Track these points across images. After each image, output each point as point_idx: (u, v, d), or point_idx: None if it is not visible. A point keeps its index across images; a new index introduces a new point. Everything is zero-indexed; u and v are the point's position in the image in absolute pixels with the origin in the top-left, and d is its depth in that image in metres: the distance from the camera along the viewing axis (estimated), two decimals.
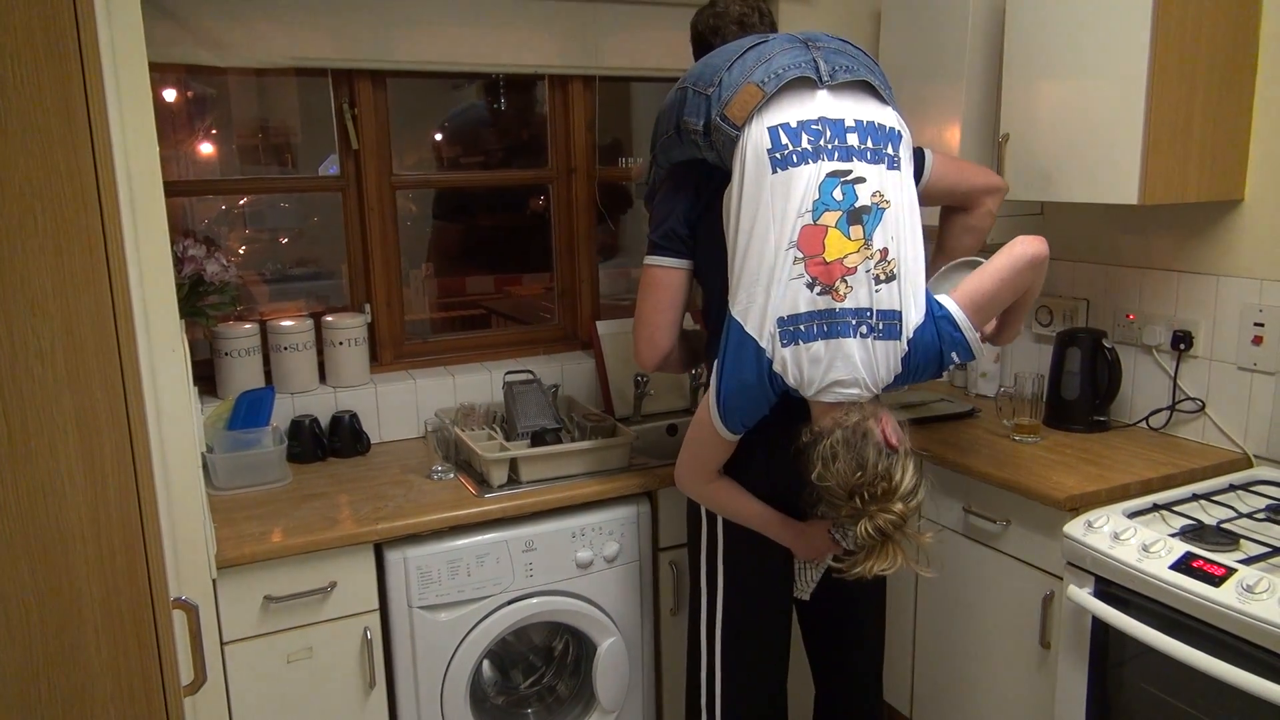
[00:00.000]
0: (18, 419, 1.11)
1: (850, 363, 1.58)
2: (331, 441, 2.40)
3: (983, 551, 2.16)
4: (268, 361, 2.44)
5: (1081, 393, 2.37)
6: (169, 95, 2.52)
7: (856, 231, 1.58)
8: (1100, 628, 1.81)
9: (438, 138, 3.04)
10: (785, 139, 1.60)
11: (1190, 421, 2.31)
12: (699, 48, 2.00)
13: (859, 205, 1.59)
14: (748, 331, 1.60)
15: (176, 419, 1.57)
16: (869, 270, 1.58)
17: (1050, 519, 1.97)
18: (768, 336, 1.59)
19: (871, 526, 1.51)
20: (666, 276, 1.83)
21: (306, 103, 2.75)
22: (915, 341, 1.61)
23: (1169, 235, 2.33)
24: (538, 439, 2.26)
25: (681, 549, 2.27)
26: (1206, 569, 1.64)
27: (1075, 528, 1.86)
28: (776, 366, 1.59)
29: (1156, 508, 1.92)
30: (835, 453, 1.54)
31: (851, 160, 1.61)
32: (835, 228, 1.57)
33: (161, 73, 2.37)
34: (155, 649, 1.22)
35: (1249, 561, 1.65)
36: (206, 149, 2.78)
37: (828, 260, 1.57)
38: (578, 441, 2.30)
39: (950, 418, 2.50)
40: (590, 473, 2.23)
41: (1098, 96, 2.09)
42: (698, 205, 1.81)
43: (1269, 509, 1.89)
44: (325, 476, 2.26)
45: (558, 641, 2.38)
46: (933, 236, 1.92)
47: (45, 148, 1.08)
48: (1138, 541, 1.76)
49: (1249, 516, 1.86)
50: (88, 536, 1.16)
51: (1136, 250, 2.42)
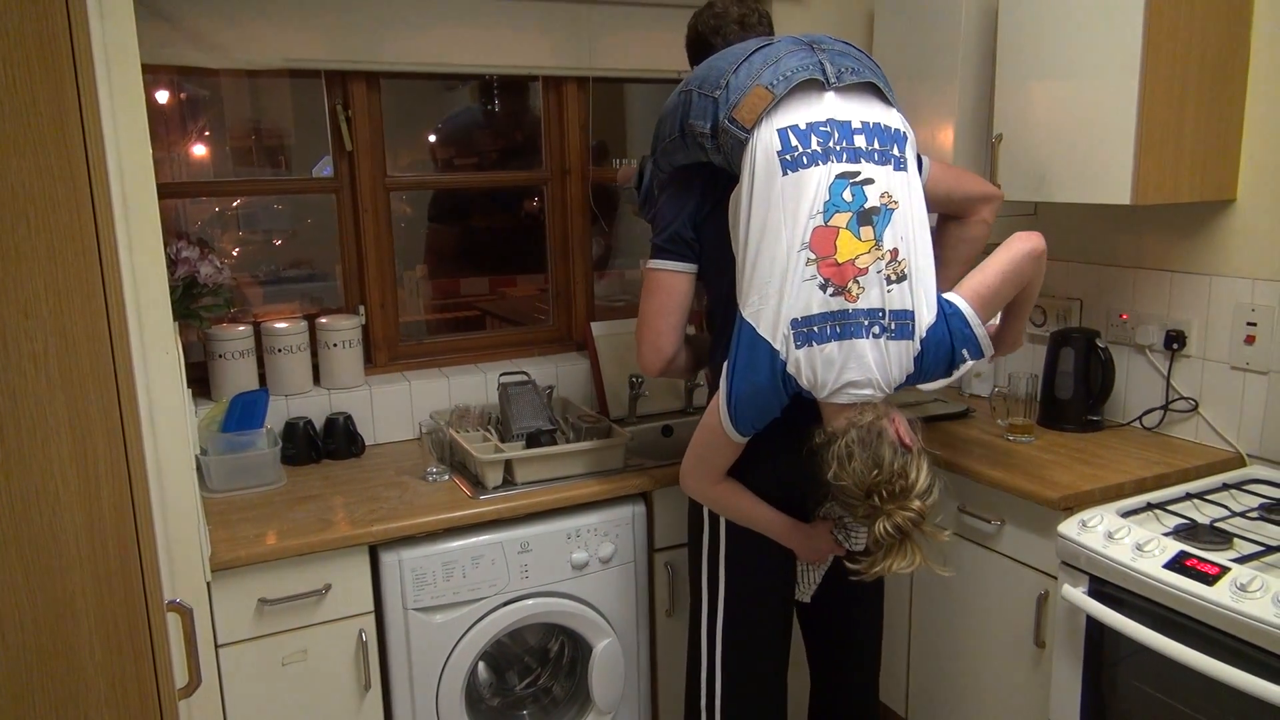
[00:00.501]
0: (10, 422, 1.10)
1: (863, 363, 1.58)
2: (326, 443, 2.40)
3: (977, 551, 2.16)
4: (262, 364, 2.44)
5: (1075, 392, 2.38)
6: (162, 97, 2.51)
7: (867, 232, 1.58)
8: (1094, 626, 1.81)
9: (431, 139, 3.03)
10: (795, 141, 1.60)
11: (1183, 421, 2.32)
12: (698, 49, 1.99)
13: (868, 206, 1.59)
14: (760, 333, 1.59)
15: (170, 422, 1.57)
16: (880, 271, 1.58)
17: (1044, 518, 1.97)
18: (781, 338, 1.58)
19: (890, 525, 1.50)
20: (671, 280, 1.82)
21: (300, 104, 2.74)
22: (928, 340, 1.61)
23: (1162, 235, 2.34)
24: (533, 440, 2.26)
25: (677, 550, 2.28)
26: (1200, 568, 1.64)
27: (1069, 527, 1.87)
28: (790, 368, 1.59)
29: (1150, 507, 1.92)
30: (850, 452, 1.53)
31: (860, 161, 1.61)
32: (846, 229, 1.58)
33: (154, 74, 2.37)
34: (149, 652, 1.22)
35: (1242, 560, 1.65)
36: (199, 150, 2.78)
37: (840, 261, 1.57)
38: (573, 443, 2.30)
39: (945, 418, 2.51)
40: (585, 474, 2.22)
41: (1090, 97, 2.09)
42: (703, 208, 1.80)
43: (1262, 508, 1.90)
44: (320, 478, 2.26)
45: (553, 643, 2.38)
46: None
47: (38, 150, 1.08)
48: (1132, 541, 1.77)
49: (1242, 515, 1.87)
50: (81, 540, 1.16)
51: (1129, 250, 2.42)
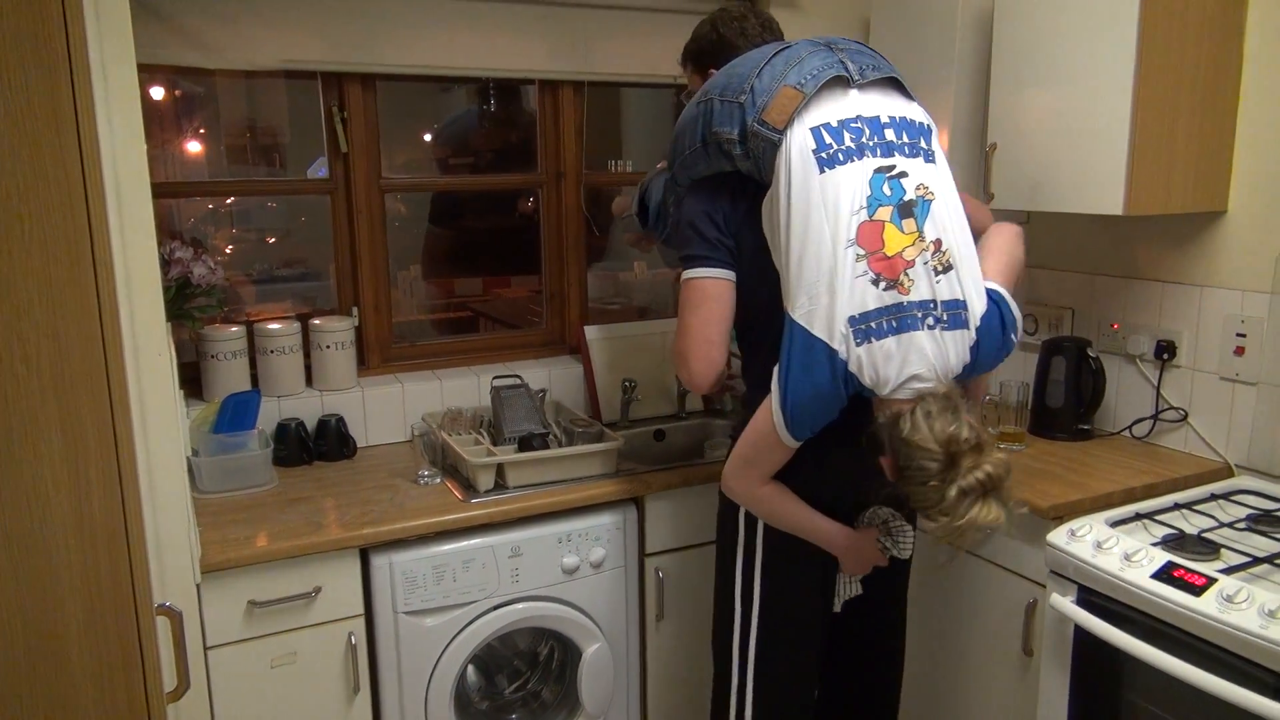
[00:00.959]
0: (2, 424, 1.10)
1: (923, 356, 1.56)
2: (318, 445, 2.39)
3: (966, 559, 2.16)
4: (254, 364, 2.44)
5: (1066, 401, 2.39)
6: (157, 93, 2.50)
7: (909, 225, 1.58)
8: (1082, 636, 1.82)
9: (427, 139, 3.03)
10: (829, 138, 1.60)
11: (1173, 431, 2.33)
12: (719, 51, 1.95)
13: (907, 199, 1.59)
14: (815, 334, 1.57)
15: (162, 424, 1.56)
16: (926, 262, 1.57)
17: (1034, 527, 1.98)
18: (840, 337, 1.55)
19: (980, 473, 1.48)
20: (716, 288, 1.74)
21: (295, 104, 2.73)
22: (982, 329, 1.61)
23: (1153, 245, 2.35)
24: (525, 444, 2.26)
25: (669, 554, 2.29)
26: (1187, 578, 1.65)
27: (1058, 536, 1.87)
28: (853, 366, 1.56)
29: (1139, 517, 1.93)
30: (930, 412, 1.52)
31: (894, 155, 1.61)
32: (890, 222, 1.57)
33: (149, 72, 2.36)
34: (138, 655, 1.22)
35: (1229, 571, 1.66)
36: (194, 147, 2.77)
37: (889, 255, 1.56)
38: (565, 447, 2.30)
39: None
40: (577, 478, 2.23)
41: (1084, 108, 2.10)
42: (736, 214, 1.74)
43: (1249, 518, 1.91)
44: (311, 480, 2.25)
45: (543, 647, 2.38)
46: None
47: (33, 151, 1.08)
48: (1120, 550, 1.77)
49: (1230, 526, 1.88)
50: (71, 542, 1.16)
51: (1121, 260, 2.44)
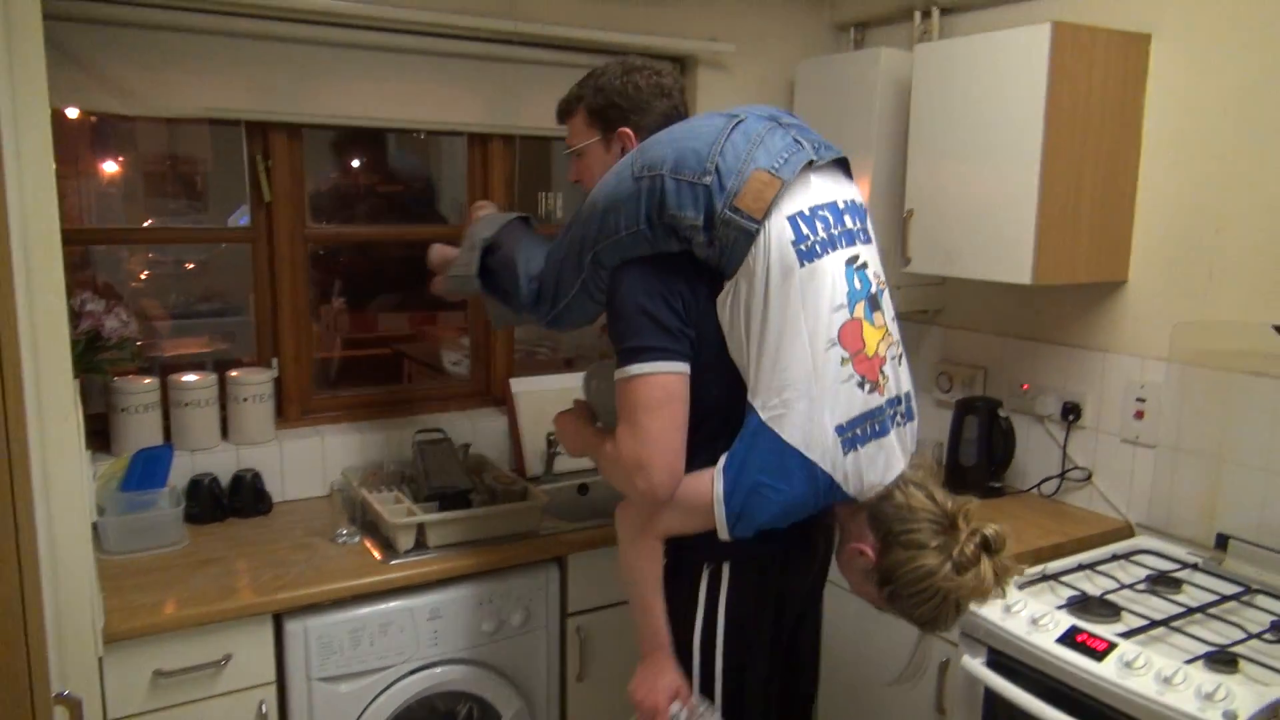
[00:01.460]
0: None
1: (897, 455, 1.53)
2: (232, 501, 2.33)
3: (882, 616, 2.19)
4: (167, 416, 2.36)
5: (978, 459, 2.46)
6: (71, 112, 2.29)
7: (879, 318, 1.53)
8: (991, 696, 1.87)
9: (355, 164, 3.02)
10: (805, 229, 1.48)
11: (1078, 489, 2.42)
12: (631, 110, 1.76)
13: (873, 291, 1.53)
14: (787, 441, 1.45)
15: (67, 492, 1.51)
16: (893, 355, 1.54)
17: None
18: (823, 450, 1.45)
19: (990, 531, 1.44)
20: (678, 386, 1.50)
21: (220, 142, 2.68)
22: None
23: (1061, 311, 2.45)
24: (447, 501, 2.24)
25: (590, 614, 2.28)
26: (1090, 643, 1.72)
27: None
28: (838, 478, 1.47)
29: (1046, 577, 2.00)
30: (919, 481, 1.51)
31: (855, 244, 1.53)
32: (865, 319, 1.51)
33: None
34: None
35: (1129, 635, 1.73)
36: (110, 167, 2.68)
37: (869, 355, 1.50)
38: (488, 506, 2.28)
39: None
40: (500, 537, 2.21)
41: (995, 182, 2.19)
42: (696, 302, 1.52)
43: (1148, 579, 2.00)
44: (224, 539, 2.19)
45: (461, 708, 2.34)
46: None
47: None
48: (1027, 614, 1.83)
49: (1130, 588, 1.96)
50: None
51: (1031, 323, 2.53)
